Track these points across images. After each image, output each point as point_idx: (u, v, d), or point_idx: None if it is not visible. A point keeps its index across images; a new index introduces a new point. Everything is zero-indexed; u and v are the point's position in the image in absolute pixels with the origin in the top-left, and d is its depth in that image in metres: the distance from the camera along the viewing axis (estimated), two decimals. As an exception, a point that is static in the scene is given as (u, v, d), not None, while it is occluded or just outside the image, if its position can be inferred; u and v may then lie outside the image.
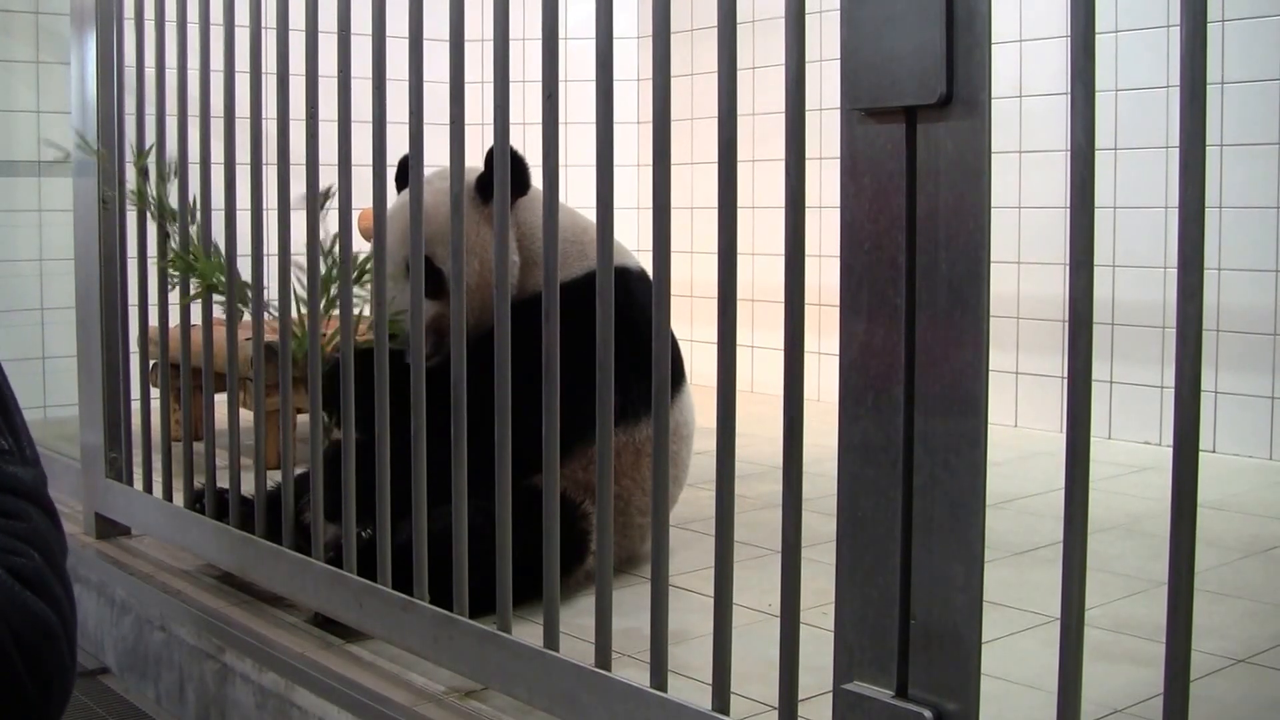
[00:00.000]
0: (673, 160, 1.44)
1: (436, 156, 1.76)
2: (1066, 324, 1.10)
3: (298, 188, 2.04)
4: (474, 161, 2.11)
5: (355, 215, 2.09)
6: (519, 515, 1.72)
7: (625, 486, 2.35)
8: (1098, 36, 1.08)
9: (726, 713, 1.38)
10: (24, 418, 1.00)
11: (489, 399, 1.69)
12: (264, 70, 2.11)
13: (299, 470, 2.17)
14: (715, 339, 1.39)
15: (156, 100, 2.41)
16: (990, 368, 1.13)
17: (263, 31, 2.10)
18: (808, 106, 1.27)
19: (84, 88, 2.60)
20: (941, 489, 1.14)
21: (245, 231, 2.17)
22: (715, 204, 1.37)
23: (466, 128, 1.76)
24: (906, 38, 1.13)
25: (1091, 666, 1.32)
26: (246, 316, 2.23)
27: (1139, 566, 2.43)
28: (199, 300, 2.29)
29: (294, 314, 2.11)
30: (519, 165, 2.19)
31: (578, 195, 2.37)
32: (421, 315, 1.82)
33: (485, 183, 2.27)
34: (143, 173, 2.38)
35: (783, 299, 1.29)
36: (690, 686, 1.70)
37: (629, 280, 2.30)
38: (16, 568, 0.90)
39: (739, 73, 1.35)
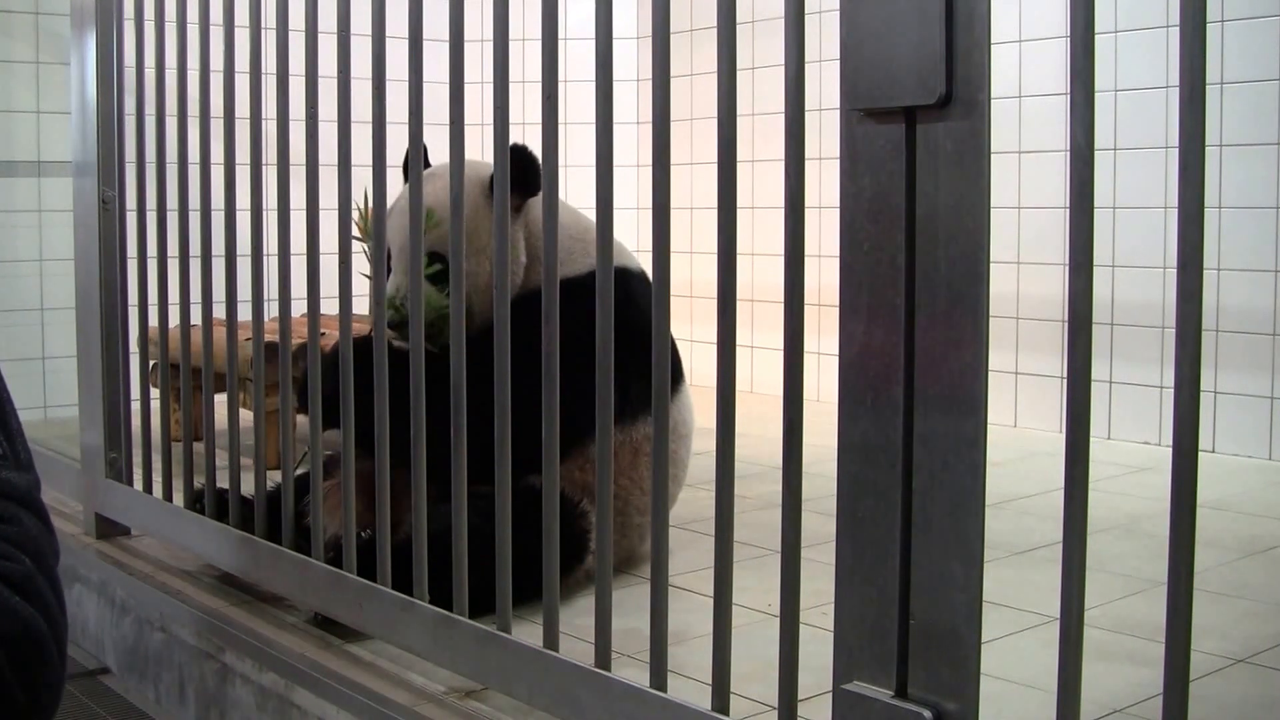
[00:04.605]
0: (673, 160, 1.44)
1: (437, 156, 1.75)
2: (1066, 324, 1.10)
3: (298, 187, 2.04)
4: (486, 159, 2.09)
5: (355, 214, 2.08)
6: (517, 515, 1.72)
7: (623, 485, 2.35)
8: (1097, 36, 1.08)
9: (726, 713, 1.38)
10: (20, 422, 1.00)
11: (488, 397, 1.69)
12: (264, 70, 2.11)
13: (299, 470, 2.17)
14: (715, 339, 1.39)
15: (156, 100, 2.41)
16: (990, 368, 1.13)
17: (263, 32, 2.10)
18: (807, 106, 1.27)
19: (84, 88, 2.60)
20: (941, 489, 1.14)
21: (245, 231, 2.18)
22: (715, 204, 1.37)
23: (466, 128, 1.76)
24: (906, 38, 1.13)
25: (1091, 666, 1.32)
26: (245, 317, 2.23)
27: (1139, 566, 2.43)
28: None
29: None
30: (533, 165, 2.19)
31: (578, 195, 2.37)
32: (421, 313, 1.82)
33: None
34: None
35: (783, 299, 1.29)
36: (690, 686, 1.70)
37: (630, 280, 2.30)
38: (6, 572, 0.90)
39: (739, 73, 1.35)
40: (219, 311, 2.32)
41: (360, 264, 2.12)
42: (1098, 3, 1.07)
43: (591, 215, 1.63)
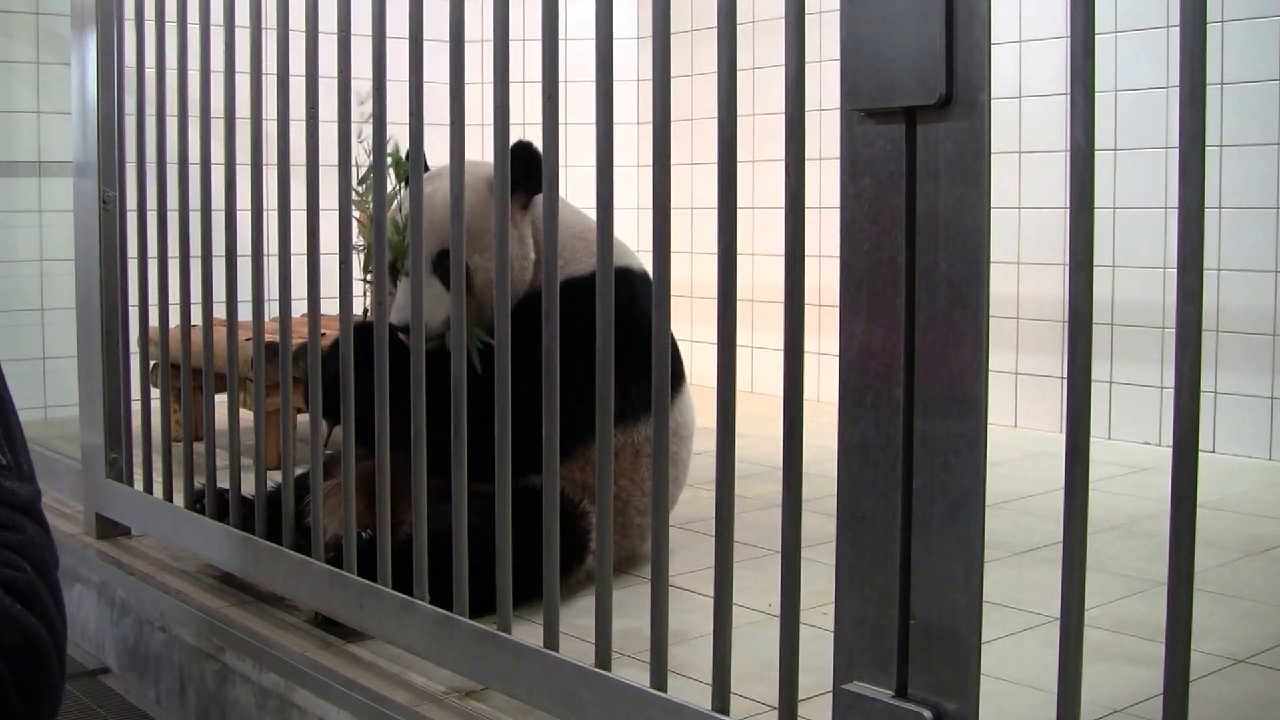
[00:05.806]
0: (673, 160, 1.45)
1: (437, 157, 1.75)
2: (1066, 324, 1.10)
3: (298, 187, 2.04)
4: (488, 158, 2.09)
5: (355, 215, 2.08)
6: (517, 515, 1.72)
7: (624, 487, 2.35)
8: (1097, 37, 1.08)
9: (726, 713, 1.38)
10: (24, 434, 1.00)
11: (493, 395, 1.69)
12: (264, 70, 2.11)
13: (299, 470, 2.17)
14: (715, 339, 1.39)
15: (156, 100, 2.41)
16: (990, 368, 1.13)
17: (263, 32, 2.10)
18: (807, 107, 1.27)
19: (84, 88, 2.60)
20: (941, 489, 1.14)
21: (246, 231, 2.18)
22: (715, 204, 1.37)
23: (466, 128, 1.76)
24: (906, 38, 1.13)
25: (1091, 666, 1.33)
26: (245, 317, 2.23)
27: (1139, 566, 2.43)
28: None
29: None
30: (538, 162, 2.18)
31: (578, 195, 2.37)
32: (421, 313, 1.82)
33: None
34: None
35: (783, 299, 1.29)
36: (690, 686, 1.70)
37: (632, 281, 2.30)
38: (8, 580, 0.90)
39: (739, 73, 1.35)
40: (219, 311, 2.32)
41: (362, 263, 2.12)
42: (1098, 3, 1.07)
43: (592, 215, 1.63)
